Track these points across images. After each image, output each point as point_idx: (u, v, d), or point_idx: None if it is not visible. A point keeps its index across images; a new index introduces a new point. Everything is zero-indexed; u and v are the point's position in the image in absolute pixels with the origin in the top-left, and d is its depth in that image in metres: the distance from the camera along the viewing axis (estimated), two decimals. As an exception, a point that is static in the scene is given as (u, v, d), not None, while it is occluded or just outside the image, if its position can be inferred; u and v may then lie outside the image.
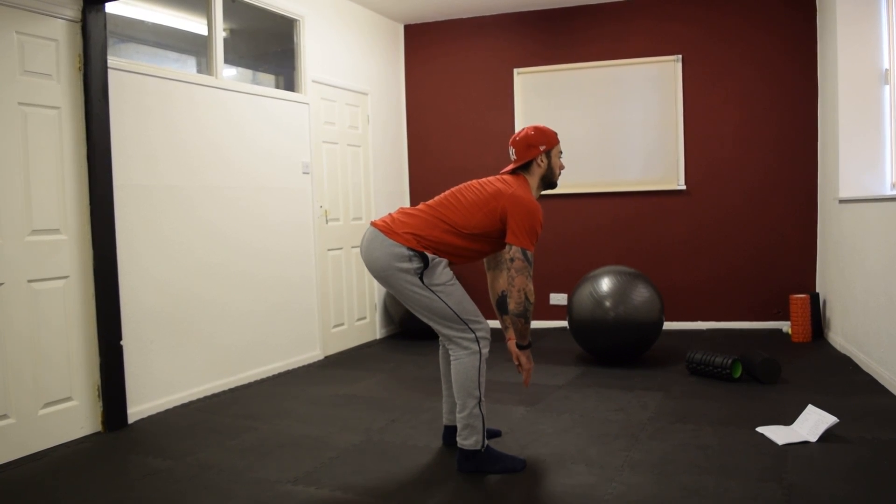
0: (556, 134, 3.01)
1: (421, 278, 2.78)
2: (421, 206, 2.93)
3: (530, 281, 2.81)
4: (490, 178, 2.96)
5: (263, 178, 4.70)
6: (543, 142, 2.96)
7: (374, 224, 2.88)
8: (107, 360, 3.54)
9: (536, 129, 2.99)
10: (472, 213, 2.83)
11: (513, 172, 2.99)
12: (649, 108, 5.87)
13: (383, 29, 6.20)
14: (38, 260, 3.28)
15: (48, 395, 3.31)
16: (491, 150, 6.18)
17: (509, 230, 2.80)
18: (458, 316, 2.81)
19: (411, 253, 2.77)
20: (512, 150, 3.00)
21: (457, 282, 2.87)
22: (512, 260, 2.79)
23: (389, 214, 2.92)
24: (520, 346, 2.98)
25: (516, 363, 3.06)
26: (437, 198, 2.95)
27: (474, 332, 2.84)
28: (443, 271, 2.82)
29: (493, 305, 3.24)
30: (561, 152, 3.03)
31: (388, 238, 2.79)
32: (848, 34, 4.70)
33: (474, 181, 2.97)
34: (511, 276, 2.80)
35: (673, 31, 5.80)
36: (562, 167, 3.04)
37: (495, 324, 6.46)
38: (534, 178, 2.98)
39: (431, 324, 2.87)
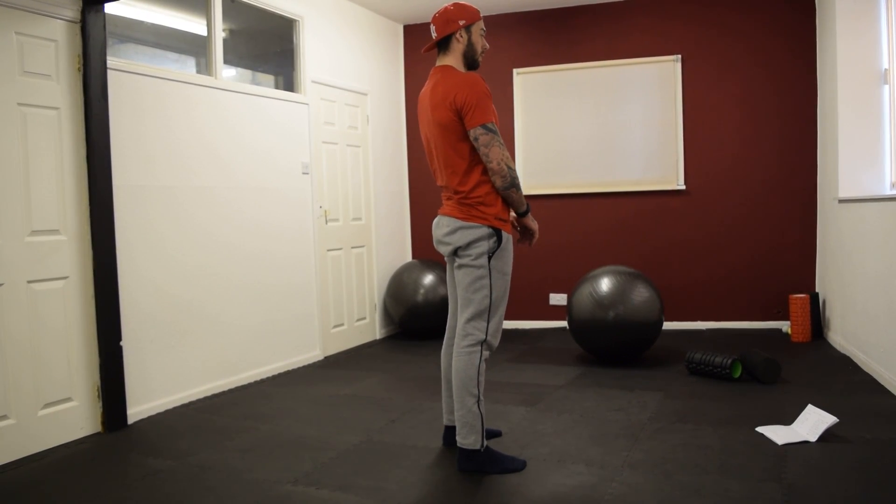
0: (478, 11, 2.93)
1: (490, 258, 2.81)
2: (442, 183, 2.92)
3: (504, 149, 2.76)
4: (425, 101, 2.90)
5: (263, 179, 4.70)
6: (463, 16, 2.88)
7: (443, 213, 2.90)
8: (106, 360, 3.54)
9: (456, 4, 2.92)
10: (453, 152, 2.81)
11: (437, 67, 2.91)
12: (649, 108, 5.87)
13: (383, 29, 6.20)
14: (38, 260, 3.28)
15: (48, 396, 3.31)
16: (490, 151, 6.18)
17: (465, 119, 2.75)
18: (489, 309, 2.83)
19: (492, 230, 2.80)
20: (432, 28, 2.92)
21: (509, 279, 2.90)
22: (476, 139, 2.74)
23: (446, 205, 2.91)
24: (520, 215, 2.96)
25: (520, 236, 3.06)
26: (433, 168, 2.96)
27: (486, 335, 2.85)
28: (508, 261, 2.86)
29: None
30: (483, 30, 2.94)
31: (467, 222, 2.81)
32: (847, 34, 4.70)
33: (423, 122, 2.94)
34: (483, 153, 2.75)
35: (672, 30, 5.80)
36: (485, 47, 2.95)
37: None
38: (455, 56, 2.90)
39: (460, 309, 2.87)
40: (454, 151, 2.82)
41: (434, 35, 2.92)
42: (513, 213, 3.01)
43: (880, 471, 2.71)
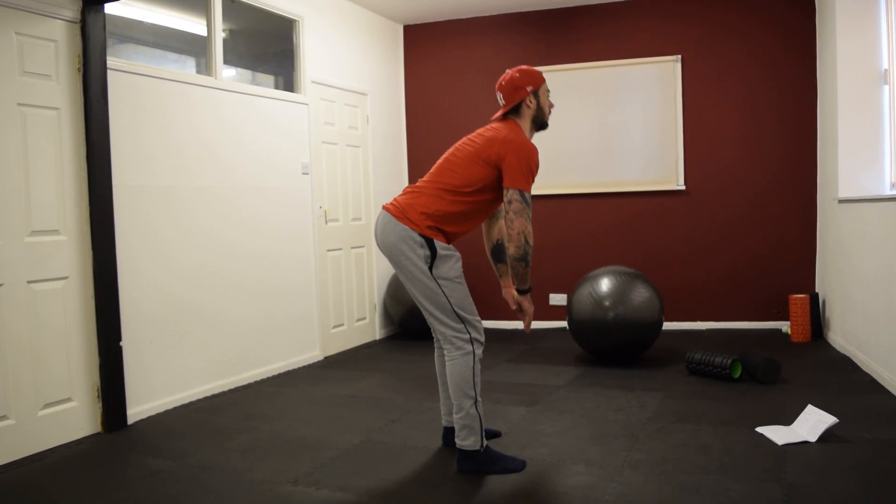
0: (541, 73, 2.97)
1: (430, 268, 2.78)
2: (420, 181, 2.92)
3: (529, 223, 2.78)
4: (480, 130, 2.93)
5: (263, 179, 4.70)
6: (530, 82, 2.92)
7: (385, 208, 2.88)
8: (106, 360, 3.54)
9: (521, 70, 2.95)
10: (469, 167, 2.82)
11: (504, 119, 2.95)
12: (649, 108, 5.87)
13: (383, 29, 6.20)
14: (38, 261, 3.28)
15: (48, 396, 3.31)
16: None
17: (505, 174, 2.77)
18: (456, 312, 2.81)
19: (423, 239, 2.77)
20: (499, 96, 2.95)
21: (463, 281, 2.87)
22: (510, 202, 2.76)
23: (398, 197, 2.92)
24: (520, 291, 2.95)
25: (514, 308, 3.03)
26: (435, 165, 2.94)
27: (469, 333, 2.83)
28: (453, 266, 2.83)
29: (489, 255, 3.22)
30: (549, 91, 2.99)
31: (401, 223, 2.79)
32: (847, 34, 4.70)
33: (465, 137, 2.95)
34: (510, 218, 2.77)
35: (672, 31, 5.80)
36: (551, 106, 3.00)
37: (489, 324, 6.47)
38: (525, 121, 2.95)
39: (429, 318, 2.87)
40: (475, 164, 2.81)
41: (502, 103, 2.95)
42: (513, 290, 3.01)
43: (880, 471, 2.71)
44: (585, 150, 6.01)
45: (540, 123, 3.00)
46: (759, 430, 3.23)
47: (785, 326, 5.58)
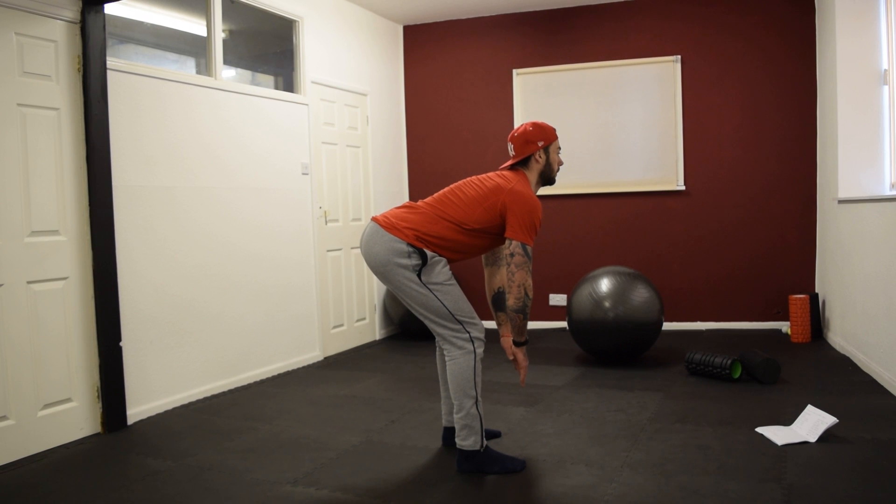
0: (554, 130, 3.02)
1: (419, 275, 2.78)
2: (421, 203, 2.94)
3: (530, 276, 2.82)
4: (489, 174, 2.97)
5: (262, 179, 4.70)
6: (542, 138, 2.96)
7: (374, 219, 2.90)
8: (106, 361, 3.54)
9: (535, 125, 3.00)
10: (472, 208, 2.84)
11: (512, 168, 2.99)
12: (648, 108, 5.88)
13: (382, 30, 6.20)
14: (38, 261, 3.28)
15: (48, 397, 3.31)
16: (490, 151, 6.19)
17: (509, 225, 2.81)
18: (453, 315, 2.82)
19: (410, 249, 2.77)
20: (510, 146, 3.01)
21: (455, 282, 2.87)
22: (512, 255, 2.79)
23: (391, 210, 2.94)
24: (516, 343, 2.96)
25: (511, 359, 3.04)
26: (437, 194, 2.96)
27: (469, 332, 2.84)
28: (441, 270, 2.83)
29: (489, 302, 3.24)
30: (559, 148, 3.04)
31: (389, 233, 2.80)
32: (847, 34, 4.70)
33: (474, 177, 2.98)
34: (511, 271, 2.80)
35: (672, 31, 5.80)
36: (560, 163, 3.06)
37: (490, 324, 6.47)
38: (532, 174, 2.99)
39: (427, 322, 2.87)
40: (479, 207, 2.82)
41: (512, 154, 2.99)
42: (508, 340, 3.01)
43: (880, 471, 2.71)
44: (585, 150, 6.02)
45: (547, 179, 3.04)
46: (759, 430, 3.22)
47: (785, 327, 5.58)
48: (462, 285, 2.91)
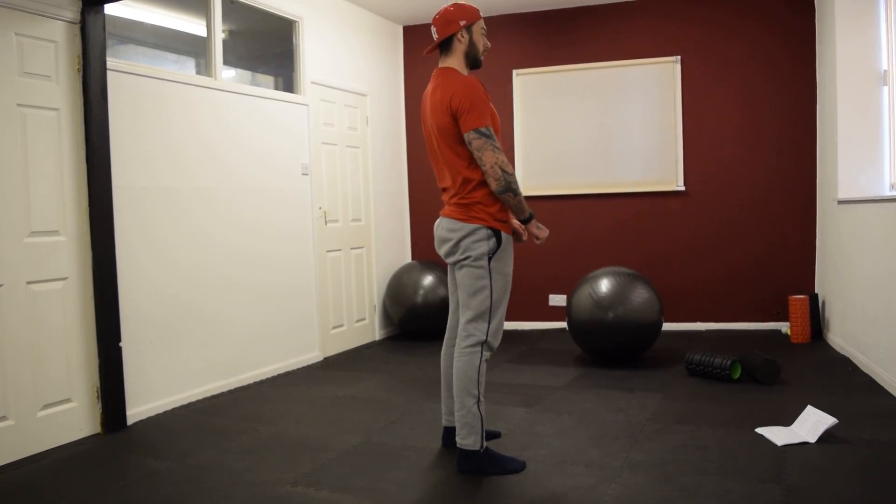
0: (478, 10, 2.93)
1: (490, 259, 2.81)
2: (445, 196, 2.93)
3: (499, 153, 2.75)
4: (427, 104, 2.92)
5: (262, 180, 4.70)
6: (463, 17, 2.89)
7: (445, 214, 2.90)
8: (106, 361, 3.54)
9: (456, 5, 2.92)
10: (453, 152, 2.82)
11: (439, 71, 2.91)
12: (648, 108, 5.88)
13: (382, 30, 6.20)
14: (38, 261, 3.28)
15: (47, 397, 3.31)
16: (490, 152, 6.18)
17: (459, 122, 2.76)
18: (490, 310, 2.83)
19: (490, 231, 2.81)
20: (433, 30, 2.92)
21: (510, 281, 2.90)
22: (470, 143, 2.74)
23: (450, 203, 2.90)
24: (524, 222, 2.93)
25: (524, 238, 3.04)
26: (435, 168, 2.97)
27: (486, 335, 2.84)
28: (508, 262, 2.87)
29: None
30: (484, 29, 2.94)
31: (468, 223, 2.81)
32: (847, 34, 4.70)
33: (424, 128, 2.97)
34: (477, 157, 2.75)
35: (672, 31, 5.80)
36: (486, 45, 2.96)
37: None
38: (457, 58, 2.91)
39: (462, 309, 2.87)
40: (454, 153, 2.83)
41: (435, 37, 2.92)
42: (516, 221, 3.00)
43: (880, 471, 2.71)
44: (585, 150, 6.02)
45: (472, 60, 2.94)
46: (759, 430, 3.23)
47: (784, 327, 5.58)
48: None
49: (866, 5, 4.62)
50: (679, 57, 5.78)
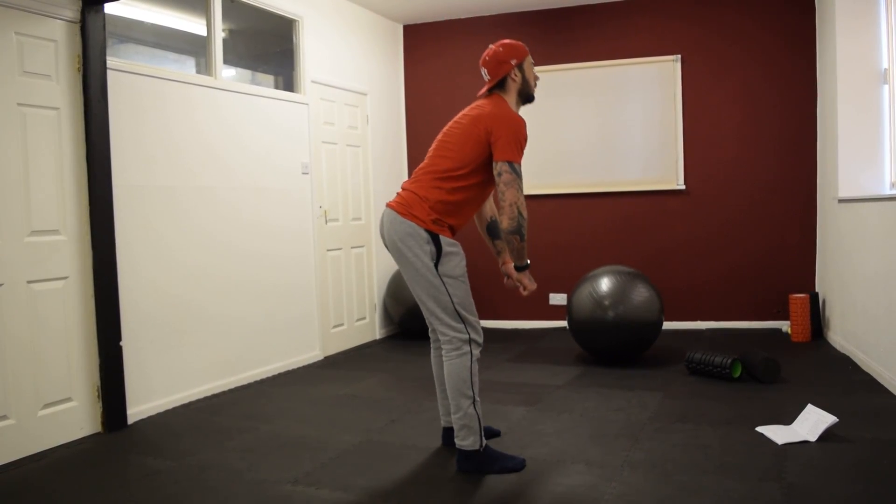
0: (524, 46, 2.97)
1: (436, 265, 2.78)
2: (417, 172, 2.90)
3: (521, 194, 2.76)
4: (465, 110, 2.92)
5: (262, 179, 4.70)
6: (514, 55, 2.92)
7: (390, 205, 2.88)
8: (106, 360, 3.54)
9: (503, 44, 2.95)
10: (461, 148, 2.80)
11: (489, 94, 2.94)
12: (648, 108, 5.87)
13: (382, 29, 6.20)
14: (38, 261, 3.28)
15: (48, 396, 3.31)
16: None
17: (495, 148, 2.76)
18: (457, 311, 2.81)
19: (428, 235, 2.77)
20: (484, 71, 2.94)
21: (467, 279, 2.86)
22: (500, 174, 2.74)
23: (400, 193, 2.90)
24: (518, 268, 2.93)
25: (516, 285, 3.01)
26: (428, 153, 2.93)
27: (468, 333, 2.83)
28: (458, 264, 2.83)
29: (484, 235, 3.20)
30: (533, 63, 2.98)
31: (407, 220, 2.79)
32: (847, 33, 4.70)
33: (452, 120, 2.93)
34: (501, 190, 2.75)
35: (672, 30, 5.80)
36: (537, 78, 3.00)
37: (487, 324, 6.47)
38: (511, 95, 2.94)
39: (430, 316, 2.87)
40: (466, 144, 2.79)
41: (487, 78, 2.94)
42: (510, 266, 2.97)
43: (880, 471, 2.71)
44: (585, 149, 6.01)
45: (526, 96, 2.99)
46: (759, 429, 3.23)
47: (785, 326, 5.58)
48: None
49: (866, 5, 4.62)
50: (679, 56, 5.78)
